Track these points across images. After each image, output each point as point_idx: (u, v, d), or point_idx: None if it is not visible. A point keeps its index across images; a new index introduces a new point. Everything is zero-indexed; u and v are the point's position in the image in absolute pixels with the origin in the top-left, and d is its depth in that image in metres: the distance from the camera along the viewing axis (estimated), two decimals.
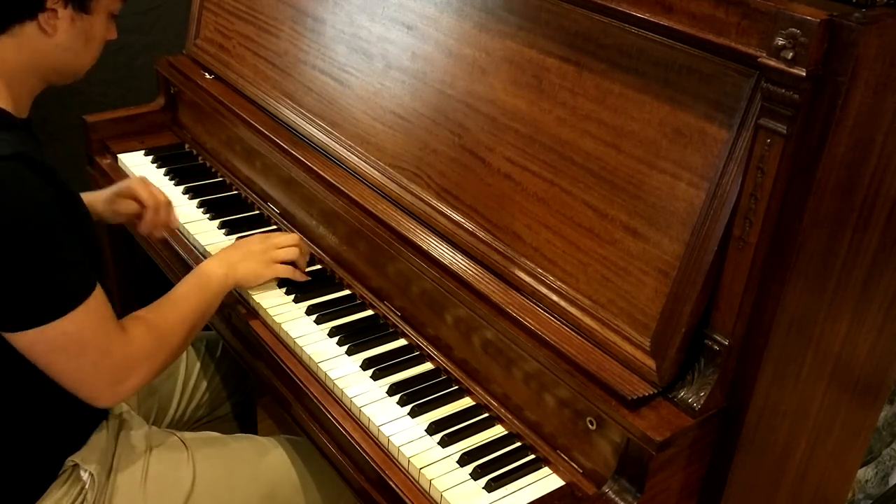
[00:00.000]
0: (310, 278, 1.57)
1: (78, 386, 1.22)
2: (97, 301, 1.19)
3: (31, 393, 1.24)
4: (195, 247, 1.72)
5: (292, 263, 1.56)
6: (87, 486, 1.31)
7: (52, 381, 1.21)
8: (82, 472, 1.32)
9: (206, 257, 1.67)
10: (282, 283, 1.57)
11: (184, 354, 1.70)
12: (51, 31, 1.21)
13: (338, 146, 1.62)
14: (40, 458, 1.29)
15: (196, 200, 1.83)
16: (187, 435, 1.49)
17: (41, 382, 1.21)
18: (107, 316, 1.22)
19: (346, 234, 1.58)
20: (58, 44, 1.23)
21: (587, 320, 1.20)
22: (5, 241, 1.10)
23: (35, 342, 1.16)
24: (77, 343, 1.17)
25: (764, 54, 0.98)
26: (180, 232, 1.76)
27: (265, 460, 1.48)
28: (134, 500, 1.36)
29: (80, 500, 1.31)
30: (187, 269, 1.69)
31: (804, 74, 0.95)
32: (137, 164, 1.97)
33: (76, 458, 1.32)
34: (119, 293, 2.11)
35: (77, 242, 1.18)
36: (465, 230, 1.37)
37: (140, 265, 2.10)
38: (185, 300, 1.37)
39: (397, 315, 1.49)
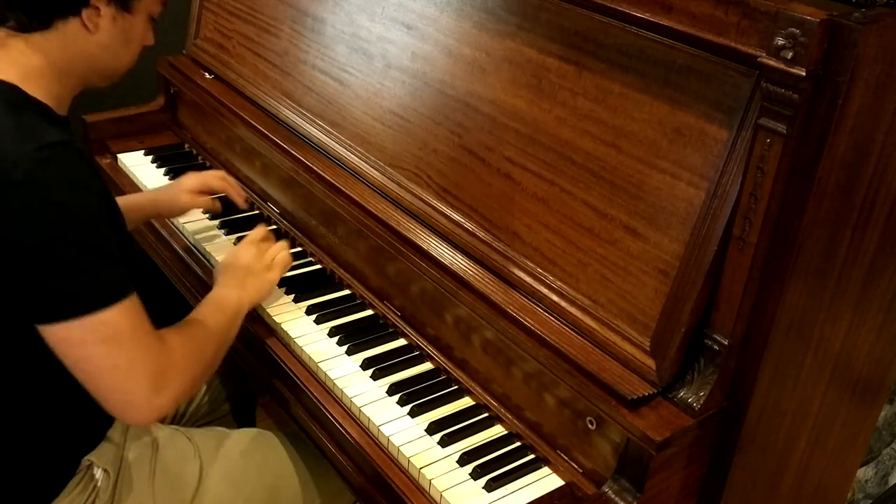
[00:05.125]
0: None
1: (115, 392, 1.16)
2: (136, 303, 1.17)
3: (51, 392, 1.23)
4: (195, 247, 1.72)
5: None
6: (99, 484, 1.32)
7: (72, 380, 1.16)
8: (96, 470, 1.32)
9: (205, 257, 1.68)
10: (282, 283, 1.57)
11: None
12: (93, 28, 1.22)
13: (338, 146, 1.62)
14: (59, 458, 1.29)
15: None
16: (193, 431, 1.49)
17: (62, 382, 1.18)
18: (145, 320, 1.19)
19: (346, 234, 1.58)
20: (99, 42, 1.24)
21: (587, 320, 1.20)
22: (55, 221, 1.08)
23: (70, 333, 1.11)
24: (115, 335, 1.12)
25: (764, 54, 0.98)
26: (180, 232, 1.76)
27: (270, 454, 1.49)
28: (143, 497, 1.36)
29: (92, 497, 1.31)
30: (187, 269, 1.70)
31: (804, 74, 0.95)
32: (137, 163, 1.97)
33: (91, 456, 1.32)
34: None
35: (116, 240, 1.16)
36: (465, 230, 1.37)
37: (140, 265, 2.09)
38: (210, 318, 1.34)
39: (397, 315, 1.49)
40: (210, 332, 1.32)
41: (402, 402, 1.33)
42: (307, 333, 1.46)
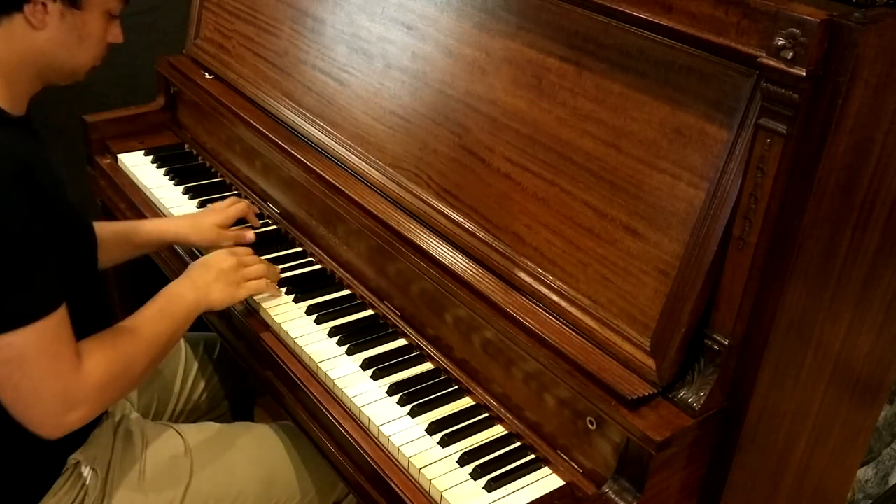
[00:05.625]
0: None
1: (19, 408, 1.14)
2: (55, 321, 1.13)
3: None
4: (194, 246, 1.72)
5: None
6: (87, 483, 1.32)
7: None
8: (83, 469, 1.32)
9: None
10: (282, 283, 1.57)
11: (182, 354, 1.70)
12: (39, 25, 1.19)
13: (338, 146, 1.62)
14: (44, 458, 1.29)
15: (196, 200, 1.83)
16: (183, 427, 1.49)
17: None
18: (63, 338, 1.14)
19: (346, 234, 1.58)
20: (48, 38, 1.20)
21: (587, 320, 1.20)
22: None
23: None
24: (19, 358, 1.10)
25: (764, 54, 0.98)
26: None
27: (264, 446, 1.49)
28: (134, 493, 1.36)
29: (81, 495, 1.31)
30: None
31: (804, 74, 0.95)
32: (137, 164, 1.97)
33: (78, 455, 1.32)
34: (119, 293, 2.11)
35: (44, 253, 1.12)
36: (465, 230, 1.37)
37: (140, 265, 2.09)
38: (151, 326, 1.30)
39: (397, 315, 1.49)
40: (147, 344, 1.27)
41: (402, 403, 1.33)
42: (307, 333, 1.46)
